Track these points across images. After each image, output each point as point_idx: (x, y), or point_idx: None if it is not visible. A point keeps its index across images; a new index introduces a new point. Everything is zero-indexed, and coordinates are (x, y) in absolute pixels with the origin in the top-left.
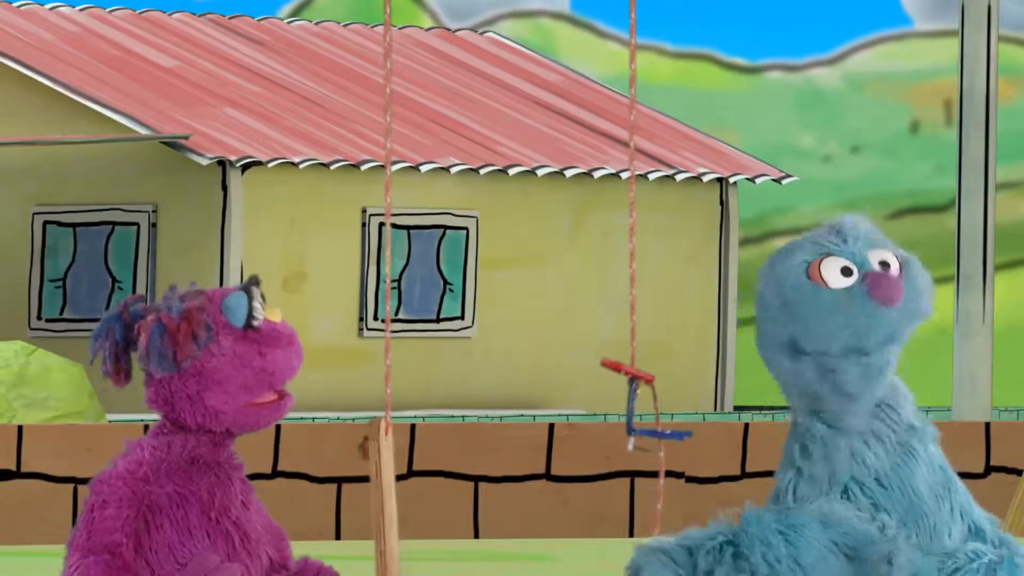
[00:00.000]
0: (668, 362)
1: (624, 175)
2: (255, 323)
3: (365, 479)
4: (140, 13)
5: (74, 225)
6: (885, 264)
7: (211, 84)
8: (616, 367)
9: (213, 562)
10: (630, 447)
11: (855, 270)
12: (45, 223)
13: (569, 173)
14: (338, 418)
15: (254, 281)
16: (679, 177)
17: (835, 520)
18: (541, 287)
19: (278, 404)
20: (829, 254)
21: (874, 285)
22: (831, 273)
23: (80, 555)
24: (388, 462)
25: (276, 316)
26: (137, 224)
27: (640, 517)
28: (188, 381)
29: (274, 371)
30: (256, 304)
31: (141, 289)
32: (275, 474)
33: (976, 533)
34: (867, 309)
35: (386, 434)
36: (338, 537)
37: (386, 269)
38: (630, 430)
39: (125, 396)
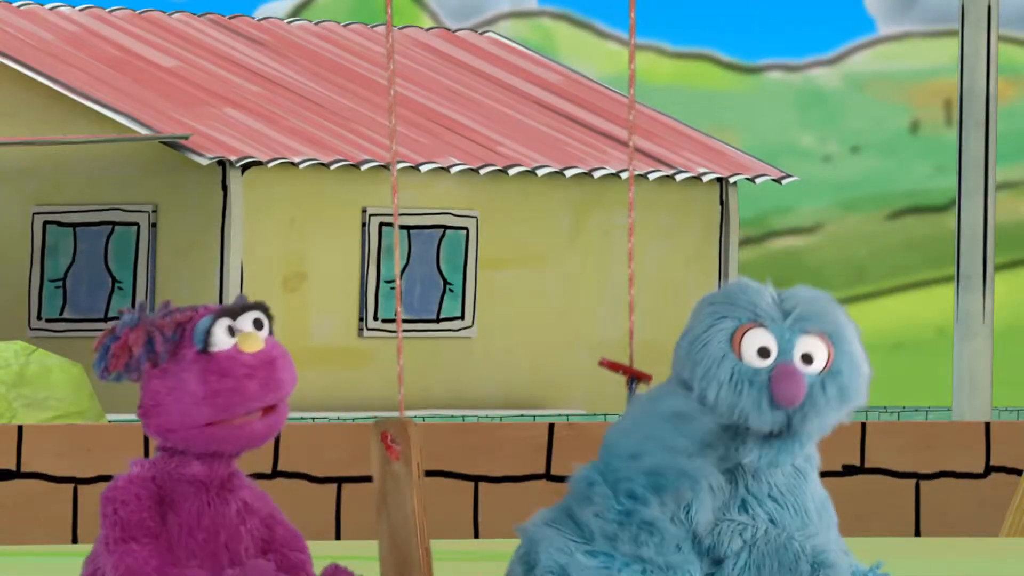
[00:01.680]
0: (667, 362)
1: (624, 175)
2: (211, 349)
3: (365, 479)
4: (140, 13)
5: (74, 225)
6: (808, 358)
7: (211, 84)
8: (615, 367)
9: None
10: None
11: (773, 354)
12: (45, 223)
13: (569, 173)
14: (338, 418)
15: (250, 306)
16: (679, 177)
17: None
18: (541, 287)
19: (236, 426)
20: (759, 326)
21: (778, 379)
22: (749, 349)
23: (120, 548)
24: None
25: (251, 345)
26: (137, 224)
27: None
28: (145, 397)
29: (218, 401)
30: (216, 329)
31: (141, 289)
32: (275, 474)
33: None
34: (759, 400)
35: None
36: (338, 537)
37: (396, 270)
38: None
39: (125, 396)
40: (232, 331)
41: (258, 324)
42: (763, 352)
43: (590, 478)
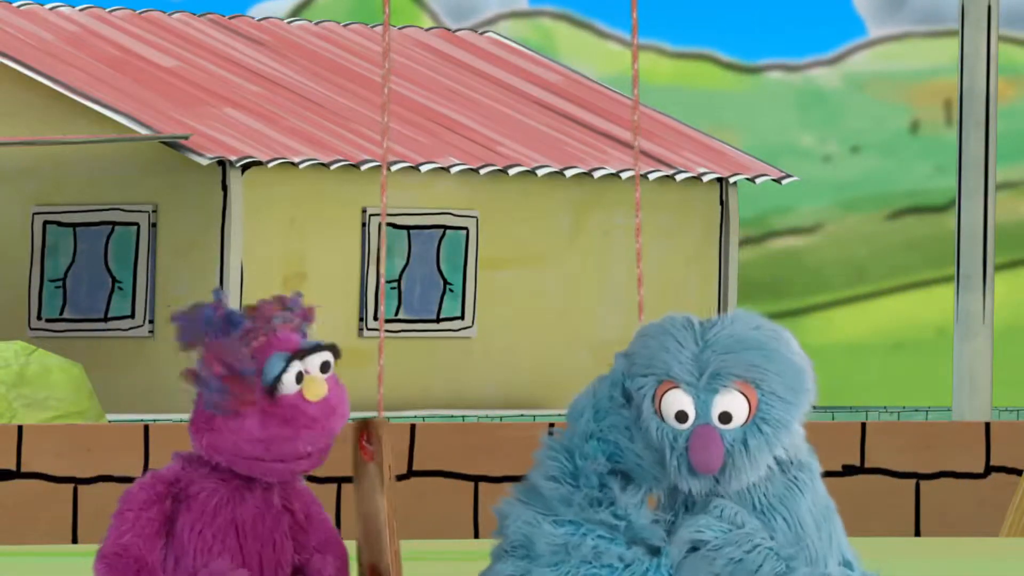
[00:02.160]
0: None
1: (624, 175)
2: (278, 391)
3: None
4: (140, 13)
5: (74, 225)
6: (726, 417)
7: (211, 84)
8: None
9: (223, 568)
10: None
11: (690, 418)
12: (45, 223)
13: (569, 173)
14: None
15: (322, 347)
16: (679, 177)
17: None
18: (541, 287)
19: (283, 464)
20: (675, 387)
21: (693, 448)
22: (668, 411)
23: (101, 563)
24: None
25: (316, 393)
26: (137, 224)
27: None
28: (199, 416)
29: (272, 447)
30: (286, 379)
31: (141, 289)
32: None
33: (846, 565)
34: (679, 466)
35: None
36: None
37: (381, 268)
38: None
39: (125, 396)
40: (299, 376)
41: (324, 368)
42: (680, 416)
43: (548, 443)
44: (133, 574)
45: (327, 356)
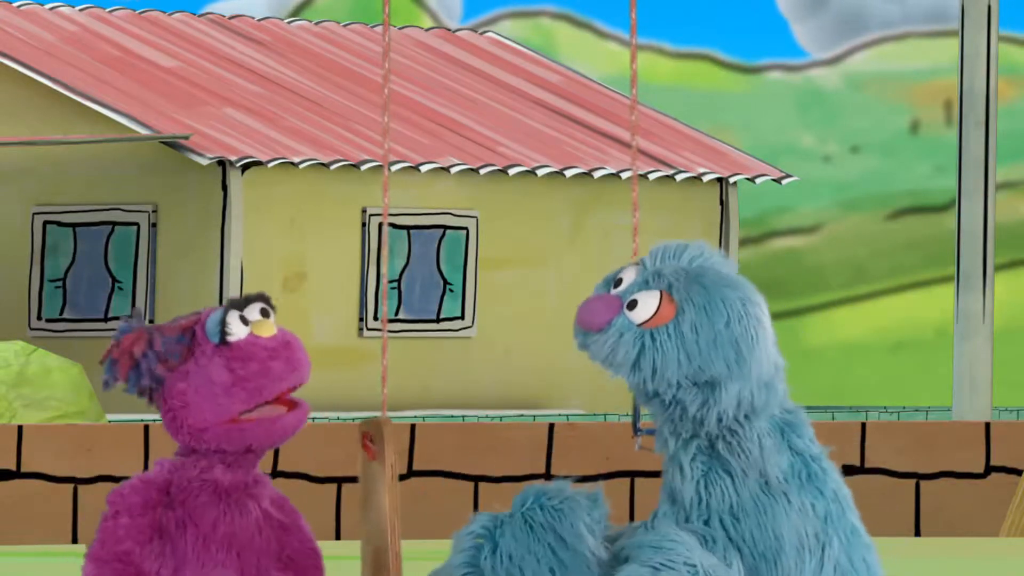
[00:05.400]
0: None
1: (624, 175)
2: (229, 338)
3: None
4: (140, 13)
5: (74, 225)
6: (632, 304)
7: (211, 84)
8: None
9: None
10: (637, 447)
11: (620, 288)
12: (45, 223)
13: (569, 173)
14: (338, 418)
15: (253, 298)
16: (679, 177)
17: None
18: (541, 287)
19: (269, 420)
20: (636, 266)
21: (586, 301)
22: (617, 277)
23: (94, 565)
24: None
25: (266, 331)
26: (137, 224)
27: (640, 517)
28: (170, 401)
29: (248, 385)
30: (230, 319)
31: (141, 289)
32: (275, 474)
33: None
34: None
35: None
36: (338, 537)
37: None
38: (636, 430)
39: (125, 396)
40: (244, 320)
41: (264, 313)
42: (617, 282)
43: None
44: None
45: (263, 304)
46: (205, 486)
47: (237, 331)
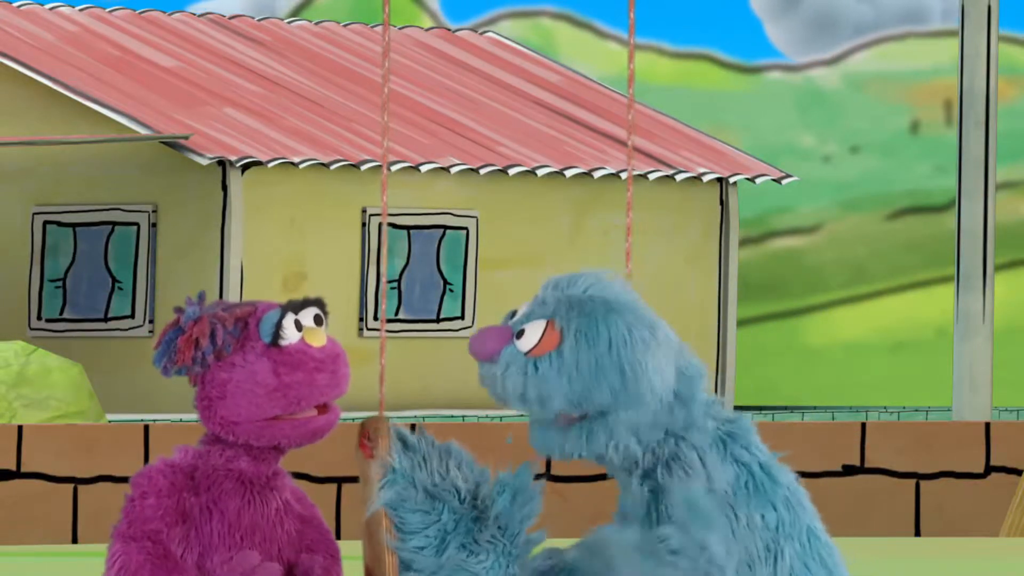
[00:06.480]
0: None
1: (624, 175)
2: (281, 342)
3: None
4: (140, 13)
5: (74, 225)
6: (520, 333)
7: (211, 84)
8: None
9: (254, 560)
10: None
11: (512, 320)
12: (45, 223)
13: (569, 173)
14: None
15: (310, 302)
16: (679, 177)
17: None
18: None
19: (301, 421)
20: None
21: (477, 334)
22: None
23: (122, 543)
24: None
25: (317, 340)
26: (137, 224)
27: None
28: (209, 389)
29: (290, 393)
30: (286, 323)
31: (141, 289)
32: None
33: None
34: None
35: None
36: (338, 537)
37: (382, 268)
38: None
39: (125, 396)
40: (299, 325)
41: (318, 320)
42: (513, 313)
43: None
44: (163, 562)
45: (318, 310)
46: (230, 475)
47: (290, 336)
